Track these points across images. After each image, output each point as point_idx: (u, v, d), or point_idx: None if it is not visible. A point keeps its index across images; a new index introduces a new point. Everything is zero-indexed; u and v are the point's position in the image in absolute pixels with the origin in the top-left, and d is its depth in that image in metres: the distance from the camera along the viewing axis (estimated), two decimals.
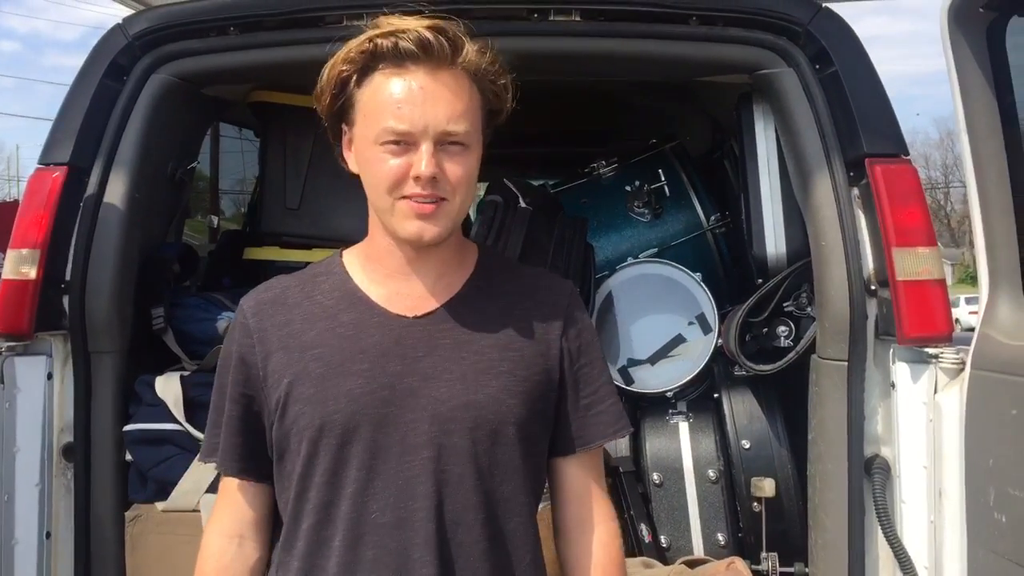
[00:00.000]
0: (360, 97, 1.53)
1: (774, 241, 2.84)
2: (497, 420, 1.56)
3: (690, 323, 3.18)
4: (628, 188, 3.51)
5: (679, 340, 3.17)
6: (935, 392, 2.26)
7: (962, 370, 2.21)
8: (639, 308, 3.21)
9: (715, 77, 2.85)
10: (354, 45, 1.52)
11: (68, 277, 2.49)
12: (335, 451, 1.54)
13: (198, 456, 1.77)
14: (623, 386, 3.14)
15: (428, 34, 1.48)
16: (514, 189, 3.24)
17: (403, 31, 1.48)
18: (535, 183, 3.81)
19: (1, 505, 2.35)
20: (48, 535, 2.46)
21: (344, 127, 1.59)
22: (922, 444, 2.28)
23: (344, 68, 1.52)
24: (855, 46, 2.49)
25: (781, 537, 2.80)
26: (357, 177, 1.62)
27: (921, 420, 2.28)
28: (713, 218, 3.48)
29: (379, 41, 1.49)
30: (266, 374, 1.59)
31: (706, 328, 3.15)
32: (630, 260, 3.33)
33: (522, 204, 3.19)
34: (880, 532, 2.32)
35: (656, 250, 3.42)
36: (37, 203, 2.45)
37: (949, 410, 2.21)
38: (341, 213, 3.13)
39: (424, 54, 1.48)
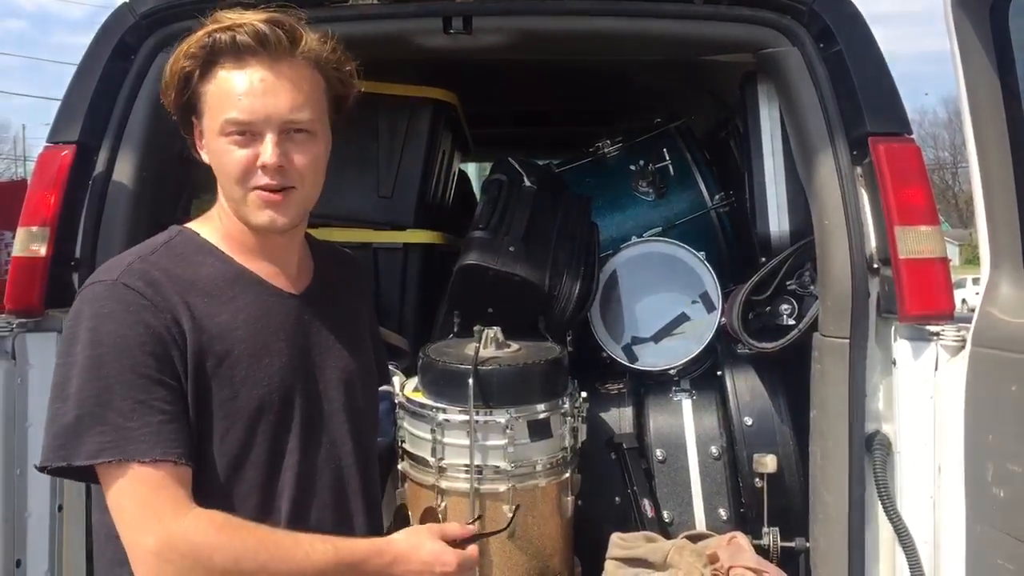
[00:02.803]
0: (204, 91, 1.57)
1: (777, 220, 2.86)
2: (371, 381, 1.81)
3: (694, 301, 3.20)
4: (633, 167, 3.52)
5: (683, 318, 3.19)
6: (936, 369, 2.29)
7: (963, 347, 2.23)
8: (643, 286, 3.23)
9: (719, 56, 2.86)
10: (194, 40, 1.55)
11: (78, 254, 2.52)
12: (274, 428, 1.59)
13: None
14: (627, 363, 3.17)
15: (264, 27, 1.53)
16: (519, 168, 3.25)
17: (240, 25, 1.53)
18: (540, 162, 3.82)
19: (14, 479, 2.39)
20: (60, 508, 2.49)
21: (194, 120, 1.62)
22: (923, 421, 2.30)
23: (186, 63, 1.56)
24: (859, 24, 2.50)
25: (782, 512, 2.84)
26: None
27: (922, 397, 2.31)
28: (717, 197, 3.49)
29: (217, 36, 1.53)
30: (187, 354, 1.52)
31: (709, 307, 3.17)
32: (634, 239, 3.34)
33: (527, 183, 3.20)
34: (880, 508, 2.35)
35: (660, 229, 3.44)
36: (47, 181, 2.48)
37: (950, 387, 2.23)
38: (331, 190, 3.15)
39: (262, 47, 1.53)
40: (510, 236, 3.00)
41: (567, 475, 2.70)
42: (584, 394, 2.84)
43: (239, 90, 1.53)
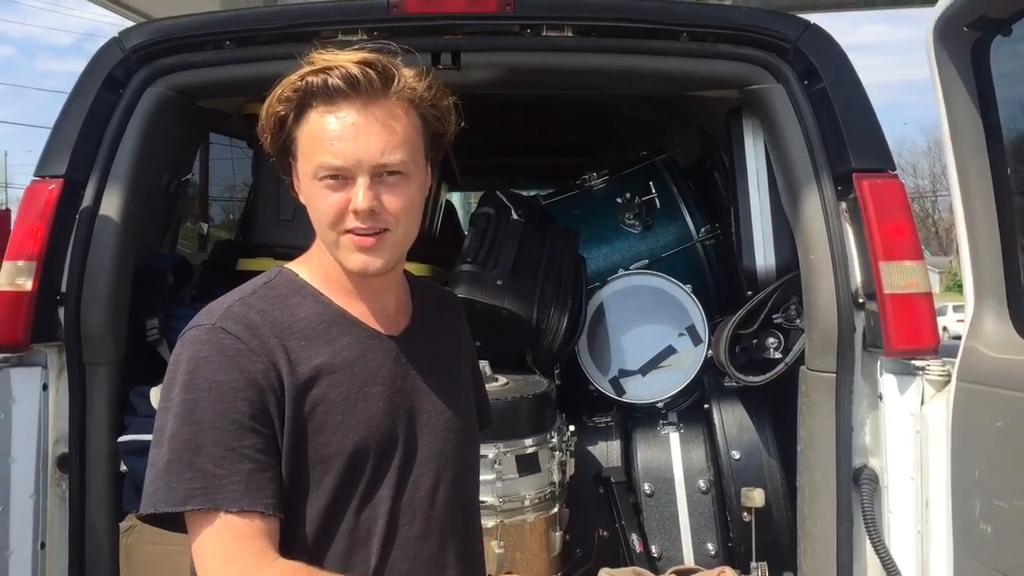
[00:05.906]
0: (299, 135, 1.56)
1: (763, 253, 2.87)
2: (470, 425, 1.73)
3: (680, 334, 3.21)
4: (619, 200, 3.54)
5: (670, 351, 3.20)
6: (922, 404, 2.30)
7: (948, 382, 2.24)
8: (630, 319, 3.24)
9: (705, 92, 2.89)
10: (287, 83, 1.54)
11: (64, 289, 2.51)
12: (368, 475, 1.56)
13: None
14: (614, 396, 3.17)
15: (355, 70, 1.50)
16: (506, 201, 3.27)
17: (332, 68, 1.51)
18: (527, 194, 3.83)
19: None
20: (43, 545, 2.46)
21: (291, 161, 1.61)
22: (909, 455, 2.31)
23: (279, 108, 1.55)
24: (843, 62, 2.53)
25: (770, 547, 2.84)
26: None
27: (908, 431, 2.32)
28: (703, 230, 3.51)
29: (310, 79, 1.51)
30: (283, 399, 1.50)
31: (696, 339, 3.18)
32: (621, 272, 3.36)
33: (514, 216, 3.22)
34: (868, 542, 2.35)
35: (647, 261, 3.46)
36: (33, 215, 2.47)
37: (935, 422, 2.24)
38: None
39: (352, 90, 1.51)
40: (498, 269, 3.01)
41: (555, 510, 2.69)
42: (572, 428, 2.84)
43: (330, 135, 1.51)
